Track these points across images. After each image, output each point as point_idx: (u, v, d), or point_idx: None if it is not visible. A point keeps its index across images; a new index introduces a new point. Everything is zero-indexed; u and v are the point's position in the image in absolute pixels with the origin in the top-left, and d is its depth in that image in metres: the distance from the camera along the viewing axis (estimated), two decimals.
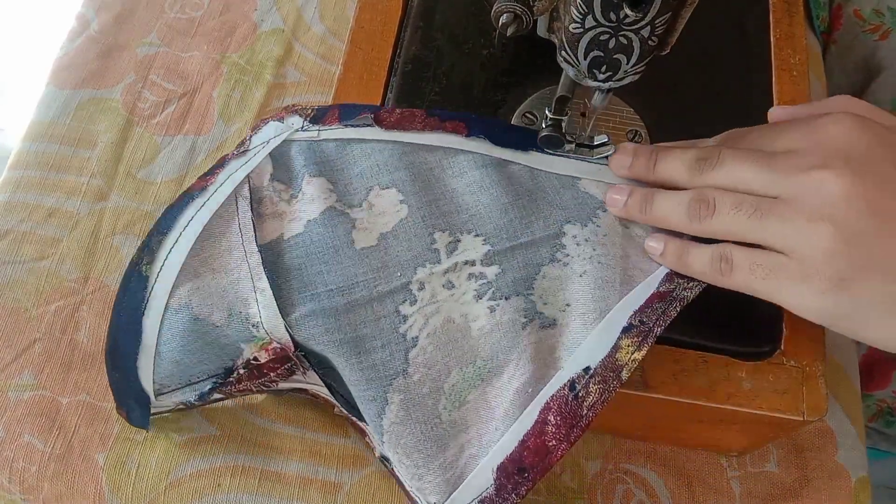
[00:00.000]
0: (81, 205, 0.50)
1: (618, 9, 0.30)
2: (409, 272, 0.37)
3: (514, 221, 0.38)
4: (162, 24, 0.57)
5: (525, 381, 0.36)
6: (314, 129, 0.42)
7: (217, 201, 0.40)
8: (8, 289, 0.47)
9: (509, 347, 0.36)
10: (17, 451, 0.42)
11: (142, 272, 0.39)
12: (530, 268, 0.37)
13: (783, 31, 0.47)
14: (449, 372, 0.36)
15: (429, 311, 0.37)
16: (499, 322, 0.36)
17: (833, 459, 0.44)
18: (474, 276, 0.37)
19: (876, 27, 0.61)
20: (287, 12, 0.58)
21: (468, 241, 0.38)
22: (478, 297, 0.37)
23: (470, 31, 0.46)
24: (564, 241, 0.38)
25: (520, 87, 0.44)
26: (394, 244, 0.38)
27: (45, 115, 0.53)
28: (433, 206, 0.39)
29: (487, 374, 0.36)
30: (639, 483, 0.44)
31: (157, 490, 0.42)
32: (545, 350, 0.36)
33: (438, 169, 0.40)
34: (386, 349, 0.36)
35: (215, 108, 0.54)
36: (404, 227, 0.39)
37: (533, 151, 0.41)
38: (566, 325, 0.37)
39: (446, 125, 0.41)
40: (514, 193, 0.39)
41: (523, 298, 0.37)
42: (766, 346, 0.38)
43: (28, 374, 0.44)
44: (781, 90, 0.45)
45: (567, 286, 0.37)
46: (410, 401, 0.36)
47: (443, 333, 0.37)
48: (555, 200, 0.39)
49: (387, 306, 0.37)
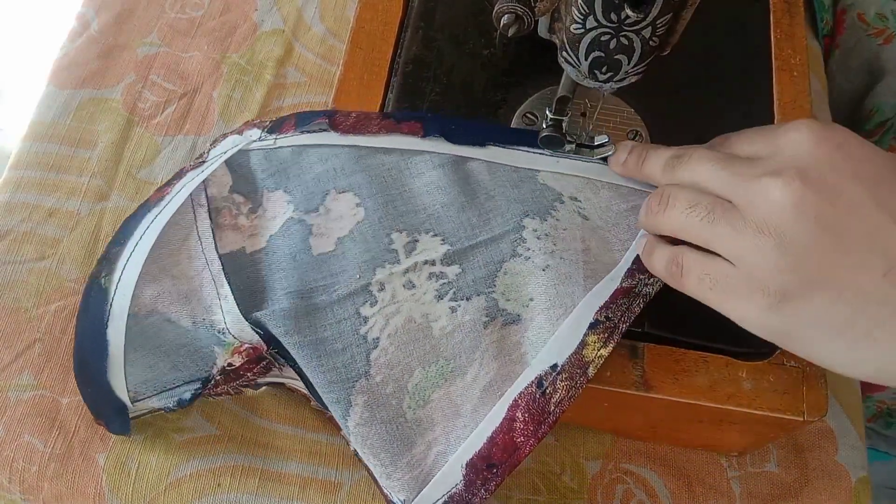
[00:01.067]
0: (82, 205, 0.50)
1: (619, 9, 0.30)
2: (367, 274, 0.37)
3: (473, 219, 0.38)
4: (162, 24, 0.57)
5: (491, 380, 0.36)
6: (270, 139, 0.42)
7: (171, 210, 0.40)
8: (8, 289, 0.47)
9: (472, 348, 0.36)
10: (17, 451, 0.42)
11: (101, 284, 0.39)
12: (491, 265, 0.38)
13: (783, 31, 0.47)
14: (412, 371, 0.36)
15: (389, 312, 0.37)
16: (460, 323, 0.37)
17: (833, 459, 0.44)
18: (435, 276, 0.37)
19: (879, 31, 0.61)
20: (287, 12, 0.58)
21: (426, 241, 0.38)
22: (439, 297, 0.37)
23: (470, 32, 0.46)
24: (525, 234, 0.38)
25: (520, 87, 0.44)
26: (351, 247, 0.38)
27: (45, 115, 0.53)
28: (390, 206, 0.39)
29: (450, 373, 0.36)
30: (639, 483, 0.44)
31: (157, 490, 0.42)
32: (510, 346, 0.36)
33: (396, 170, 0.40)
34: (347, 352, 0.36)
35: (216, 109, 0.54)
36: (361, 230, 0.39)
37: (491, 146, 0.41)
38: (531, 319, 0.37)
39: (402, 127, 0.41)
40: (471, 191, 0.39)
41: (485, 297, 0.37)
42: (766, 346, 0.37)
43: (28, 375, 0.44)
44: (781, 90, 0.45)
45: (530, 280, 0.37)
46: (374, 401, 0.36)
47: (404, 333, 0.37)
48: (513, 195, 0.39)
49: (347, 309, 0.37)
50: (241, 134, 0.43)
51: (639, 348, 0.37)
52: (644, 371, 0.37)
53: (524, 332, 0.37)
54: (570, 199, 0.39)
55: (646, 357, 0.37)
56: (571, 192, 0.40)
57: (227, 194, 0.41)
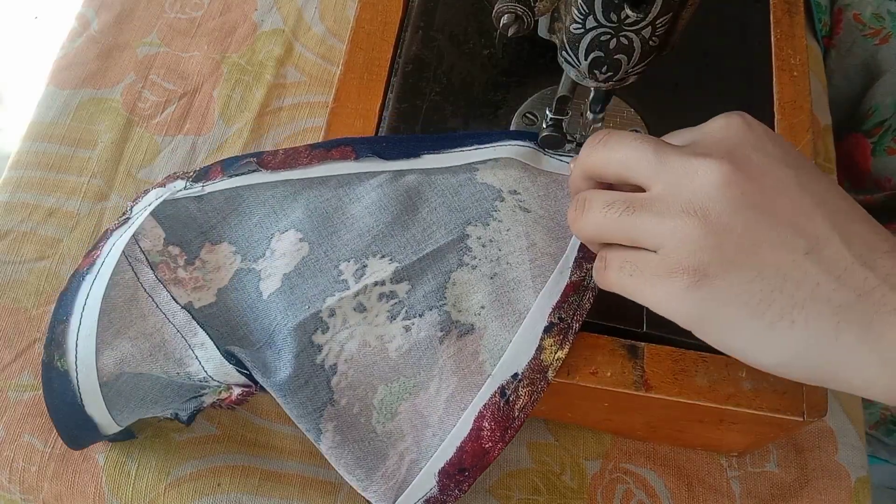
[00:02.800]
0: (82, 205, 0.50)
1: (619, 9, 0.30)
2: (317, 303, 0.37)
3: (417, 234, 0.38)
4: (162, 24, 0.57)
5: (452, 392, 0.36)
6: (198, 186, 0.40)
7: (108, 272, 0.38)
8: (8, 289, 0.47)
9: (430, 364, 0.36)
10: (17, 451, 0.42)
11: (59, 368, 0.37)
12: (439, 277, 0.37)
13: (783, 31, 0.47)
14: (375, 389, 0.37)
15: (342, 338, 0.37)
16: (416, 341, 0.37)
17: (833, 459, 0.44)
18: (385, 296, 0.37)
19: (876, 31, 0.61)
20: (287, 12, 0.58)
21: (375, 263, 0.38)
22: (391, 317, 0.37)
23: (470, 31, 0.46)
24: (469, 243, 0.38)
25: (520, 87, 0.44)
26: (299, 283, 0.37)
27: (45, 115, 0.53)
28: (334, 237, 0.38)
29: (413, 388, 0.36)
30: (639, 483, 0.44)
31: (157, 490, 0.42)
32: (467, 357, 0.37)
33: (335, 199, 0.39)
34: (309, 384, 0.36)
35: (216, 109, 0.54)
36: (307, 265, 0.38)
37: (425, 155, 0.40)
38: (484, 327, 0.37)
39: (333, 153, 0.40)
40: (413, 206, 0.39)
41: (437, 311, 0.37)
42: None
43: (28, 374, 0.44)
44: (781, 90, 0.45)
45: (479, 288, 0.37)
46: (343, 424, 0.36)
47: (360, 358, 0.37)
48: (453, 203, 0.39)
49: (300, 340, 0.36)
50: (163, 186, 0.41)
51: (638, 348, 0.37)
52: (644, 371, 0.37)
53: (479, 340, 0.37)
54: (509, 193, 0.39)
55: (645, 357, 0.37)
56: (511, 186, 0.39)
57: (162, 247, 0.39)
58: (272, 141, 0.52)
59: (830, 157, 0.55)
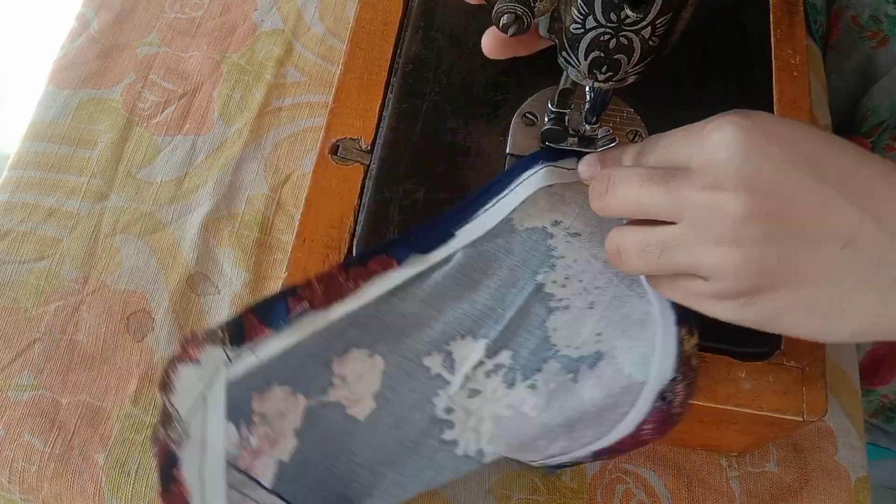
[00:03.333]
0: (81, 205, 0.50)
1: (618, 9, 0.30)
2: (427, 408, 0.36)
3: (490, 304, 0.37)
4: (162, 24, 0.57)
5: (603, 402, 0.35)
6: (246, 351, 0.34)
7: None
8: (8, 289, 0.47)
9: (576, 404, 0.36)
10: (17, 451, 0.42)
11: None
12: (536, 331, 0.36)
13: (783, 31, 0.47)
14: (535, 450, 0.36)
15: (473, 424, 0.36)
16: (550, 392, 0.36)
17: (833, 459, 0.44)
18: (492, 372, 0.36)
19: (874, 34, 0.61)
20: (287, 12, 0.58)
21: (459, 347, 0.36)
22: (509, 385, 0.36)
23: (470, 31, 0.46)
24: (547, 290, 0.37)
25: (520, 87, 0.44)
26: (393, 396, 0.36)
27: (45, 115, 0.53)
28: (403, 339, 0.36)
29: (567, 427, 0.36)
30: (639, 483, 0.44)
31: (156, 490, 0.42)
32: (611, 377, 0.36)
33: (383, 304, 0.36)
34: (457, 476, 0.36)
35: (215, 108, 0.54)
36: (392, 376, 0.36)
37: (457, 232, 0.38)
38: (613, 347, 0.36)
39: (372, 267, 0.36)
40: (471, 282, 0.37)
41: (554, 360, 0.36)
42: (766, 347, 0.38)
43: (28, 374, 0.44)
44: (781, 90, 0.45)
45: (585, 321, 0.37)
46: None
47: (502, 431, 0.36)
48: (507, 262, 0.37)
49: (430, 444, 0.35)
50: (197, 364, 0.33)
51: None
52: None
53: (614, 360, 0.36)
54: (553, 226, 0.38)
55: None
56: (550, 218, 0.38)
57: (237, 439, 0.34)
58: (272, 141, 0.52)
59: None
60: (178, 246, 0.48)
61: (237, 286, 0.47)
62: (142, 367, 0.45)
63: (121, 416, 0.43)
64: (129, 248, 0.48)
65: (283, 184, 0.51)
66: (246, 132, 0.52)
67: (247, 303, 0.47)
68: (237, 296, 0.47)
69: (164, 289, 0.47)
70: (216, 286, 0.48)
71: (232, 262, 0.48)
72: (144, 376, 0.44)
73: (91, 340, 0.45)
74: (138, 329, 0.46)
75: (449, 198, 0.40)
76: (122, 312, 0.46)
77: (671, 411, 0.35)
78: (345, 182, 0.41)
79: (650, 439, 0.35)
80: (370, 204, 0.40)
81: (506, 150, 0.42)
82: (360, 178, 0.41)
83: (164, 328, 0.46)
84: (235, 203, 0.50)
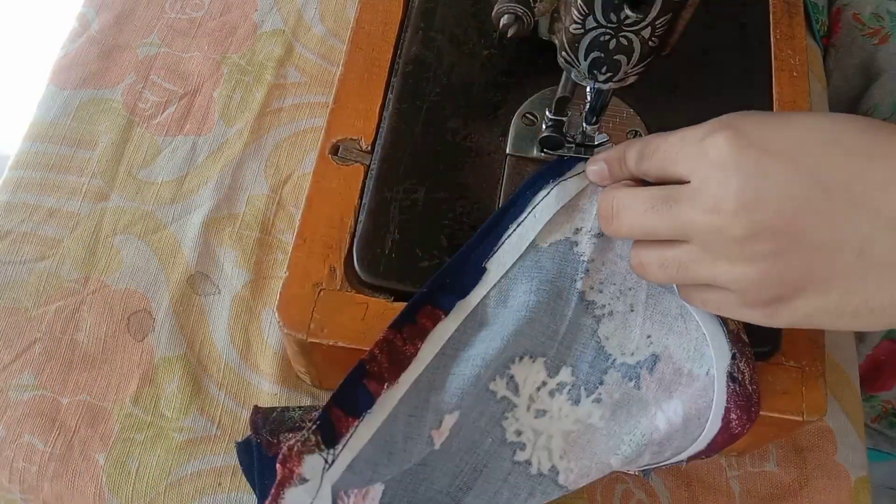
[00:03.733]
0: (82, 205, 0.50)
1: (618, 10, 0.30)
2: (496, 431, 0.36)
3: (540, 324, 0.37)
4: (162, 24, 0.57)
5: (684, 412, 0.35)
6: (340, 449, 0.34)
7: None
8: (8, 289, 0.47)
9: (642, 409, 0.36)
10: (17, 451, 0.42)
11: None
12: (590, 342, 0.37)
13: (783, 31, 0.47)
14: (608, 465, 0.36)
15: (542, 444, 0.36)
16: (614, 403, 0.36)
17: (833, 459, 0.44)
18: (555, 391, 0.36)
19: (875, 31, 0.61)
20: (287, 13, 0.58)
21: (519, 369, 0.36)
22: (574, 402, 0.36)
23: (470, 32, 0.46)
24: (588, 298, 0.37)
25: (520, 87, 0.44)
26: (465, 422, 0.36)
27: (45, 116, 0.53)
28: (460, 369, 0.36)
29: (644, 436, 0.36)
30: (638, 483, 0.44)
31: (157, 490, 0.42)
32: (672, 377, 0.36)
33: (444, 358, 0.36)
34: (536, 494, 0.36)
35: (216, 109, 0.54)
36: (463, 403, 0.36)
37: (487, 264, 0.38)
38: (665, 347, 0.36)
39: (423, 324, 0.36)
40: (513, 308, 0.37)
41: (613, 370, 0.36)
42: (766, 346, 0.38)
43: (28, 374, 0.44)
44: (781, 90, 0.45)
45: (631, 326, 0.37)
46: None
47: (572, 447, 0.36)
48: (545, 278, 0.37)
49: (503, 466, 0.36)
50: (302, 481, 0.33)
51: None
52: None
53: (670, 360, 0.36)
54: (575, 234, 0.38)
55: None
56: (570, 227, 0.38)
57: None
58: (273, 141, 0.52)
59: None
60: (179, 246, 0.49)
61: (238, 286, 0.47)
62: (142, 367, 0.45)
63: (121, 416, 0.43)
64: (130, 248, 0.48)
65: (284, 184, 0.51)
66: (246, 132, 0.53)
67: (249, 305, 0.47)
68: (238, 296, 0.47)
69: (164, 289, 0.47)
70: (217, 286, 0.48)
71: (233, 262, 0.48)
72: (145, 376, 0.45)
73: (91, 340, 0.45)
74: (139, 329, 0.46)
75: (449, 198, 0.41)
76: (122, 312, 0.46)
77: (747, 392, 0.35)
78: (345, 182, 0.41)
79: (742, 429, 0.35)
80: (370, 204, 0.40)
81: (506, 150, 0.42)
82: (361, 178, 0.41)
83: (164, 328, 0.46)
84: (236, 203, 0.50)
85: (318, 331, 0.37)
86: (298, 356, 0.41)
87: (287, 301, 0.38)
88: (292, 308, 0.38)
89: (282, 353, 0.45)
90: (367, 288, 0.39)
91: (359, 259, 0.39)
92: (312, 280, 0.39)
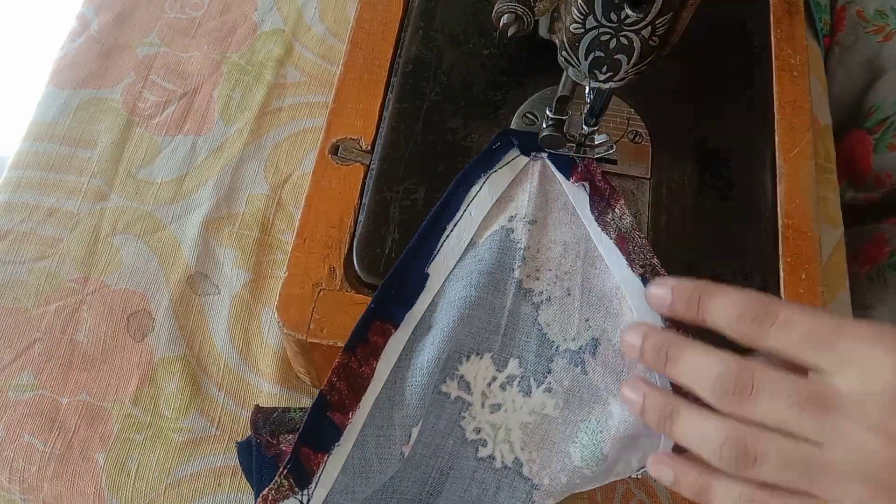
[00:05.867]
0: (82, 205, 0.50)
1: (619, 9, 0.30)
2: (457, 432, 0.37)
3: (481, 318, 0.37)
4: (162, 24, 0.57)
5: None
6: (313, 488, 0.34)
7: None
8: (8, 289, 0.47)
9: (593, 395, 0.36)
10: (17, 451, 0.42)
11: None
12: (532, 331, 0.37)
13: (783, 31, 0.47)
14: (567, 454, 0.36)
15: (502, 437, 0.37)
16: (566, 390, 0.36)
17: None
18: (506, 384, 0.37)
19: (879, 28, 0.61)
20: (287, 12, 0.58)
21: (468, 368, 0.37)
22: (526, 393, 0.37)
23: (470, 31, 0.46)
24: (526, 285, 0.37)
25: (520, 87, 0.44)
26: (425, 428, 0.37)
27: (45, 115, 0.53)
28: (416, 383, 0.36)
29: (599, 424, 0.36)
30: (638, 483, 0.44)
31: (157, 490, 0.42)
32: (613, 360, 0.36)
33: (399, 371, 0.36)
34: (503, 488, 0.37)
35: (215, 109, 0.54)
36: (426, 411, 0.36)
37: (429, 270, 0.37)
38: (603, 331, 0.37)
39: (375, 340, 0.36)
40: (458, 305, 0.37)
41: (558, 357, 0.37)
42: None
43: (28, 374, 0.44)
44: (781, 90, 0.45)
45: (569, 310, 0.37)
46: (560, 495, 0.37)
47: (531, 437, 0.37)
48: (483, 269, 0.37)
49: (468, 464, 0.37)
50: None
51: None
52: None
53: (610, 341, 0.36)
54: (509, 220, 0.38)
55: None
56: (505, 215, 0.38)
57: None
58: (272, 141, 0.52)
59: (830, 157, 0.55)
60: (179, 246, 0.49)
61: (237, 286, 0.47)
62: (142, 367, 0.45)
63: (121, 416, 0.43)
64: (130, 248, 0.48)
65: (284, 184, 0.51)
66: (246, 132, 0.52)
67: (248, 305, 0.47)
68: (237, 296, 0.47)
69: (164, 289, 0.47)
70: (216, 286, 0.48)
71: (232, 262, 0.48)
72: (144, 376, 0.45)
73: (91, 340, 0.45)
74: (138, 329, 0.46)
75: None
76: (122, 312, 0.46)
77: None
78: (345, 182, 0.41)
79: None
80: (370, 204, 0.40)
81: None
82: (360, 178, 0.41)
83: (164, 328, 0.46)
84: (236, 203, 0.50)
85: (317, 331, 0.37)
86: (298, 356, 0.41)
87: (287, 301, 0.38)
88: (292, 308, 0.38)
89: (281, 353, 0.45)
90: (367, 288, 0.39)
91: (359, 259, 0.39)
92: (312, 280, 0.38)
